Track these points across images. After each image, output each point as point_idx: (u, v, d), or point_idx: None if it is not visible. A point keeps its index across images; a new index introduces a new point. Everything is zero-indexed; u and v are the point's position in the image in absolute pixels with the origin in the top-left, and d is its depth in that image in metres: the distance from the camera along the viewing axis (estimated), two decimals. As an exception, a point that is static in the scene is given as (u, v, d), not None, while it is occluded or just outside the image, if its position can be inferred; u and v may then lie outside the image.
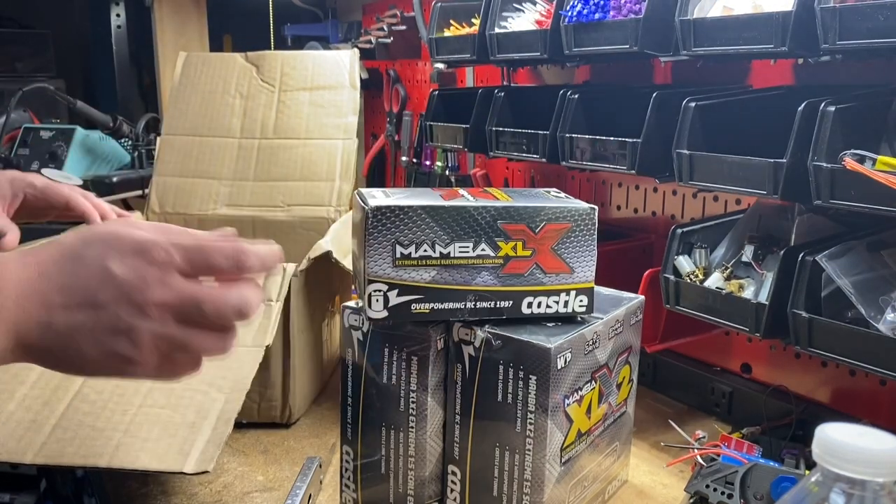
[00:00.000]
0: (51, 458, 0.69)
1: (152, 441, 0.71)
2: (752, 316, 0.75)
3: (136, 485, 0.80)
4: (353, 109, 1.28)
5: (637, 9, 0.84)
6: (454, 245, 0.66)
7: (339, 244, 0.96)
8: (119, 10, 1.94)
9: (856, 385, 0.89)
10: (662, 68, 1.08)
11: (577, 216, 0.68)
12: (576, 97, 0.94)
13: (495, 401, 0.67)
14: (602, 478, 0.77)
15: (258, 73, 1.33)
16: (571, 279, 0.69)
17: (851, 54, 0.70)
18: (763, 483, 0.72)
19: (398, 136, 1.70)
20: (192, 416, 0.73)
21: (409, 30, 1.65)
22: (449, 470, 0.72)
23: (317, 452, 0.88)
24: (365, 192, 0.68)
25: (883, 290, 0.69)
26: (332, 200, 1.23)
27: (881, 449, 0.39)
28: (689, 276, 0.83)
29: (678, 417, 0.97)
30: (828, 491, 0.40)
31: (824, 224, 0.82)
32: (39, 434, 0.71)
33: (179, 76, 1.33)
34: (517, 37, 1.03)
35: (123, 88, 2.00)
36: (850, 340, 0.67)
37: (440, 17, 1.20)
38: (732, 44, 0.74)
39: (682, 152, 0.78)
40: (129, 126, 1.64)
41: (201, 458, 0.69)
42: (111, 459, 0.69)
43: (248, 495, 0.79)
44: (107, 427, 0.71)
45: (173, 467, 0.68)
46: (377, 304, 0.66)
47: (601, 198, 1.21)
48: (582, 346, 0.68)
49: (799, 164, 0.68)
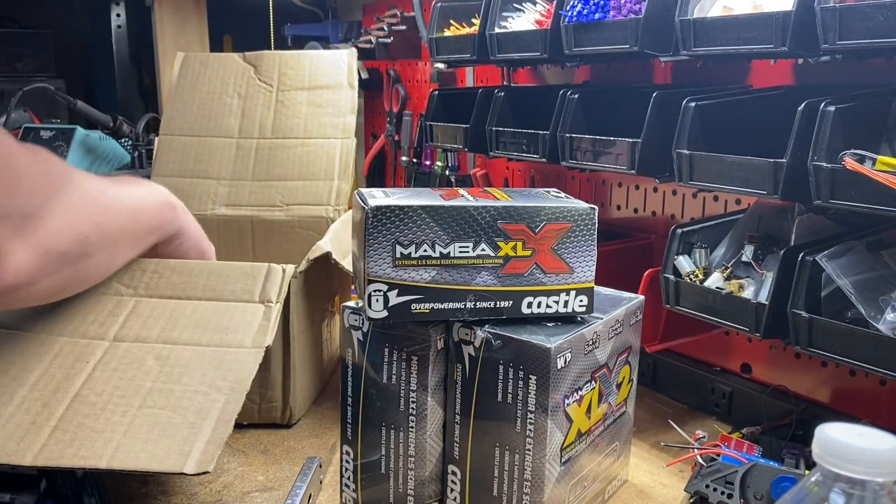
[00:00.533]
0: (50, 460, 0.69)
1: (152, 442, 0.70)
2: (751, 316, 0.75)
3: (136, 485, 0.80)
4: (351, 109, 1.28)
5: (637, 9, 0.84)
6: (454, 245, 0.66)
7: (339, 244, 0.96)
8: (119, 10, 1.94)
9: (856, 385, 0.89)
10: (662, 68, 1.08)
11: (577, 216, 0.68)
12: (576, 97, 0.94)
13: (495, 401, 0.67)
14: (602, 478, 0.77)
15: (256, 72, 1.33)
16: (571, 279, 0.69)
17: (851, 54, 0.70)
18: (763, 483, 0.72)
19: (398, 136, 1.70)
20: (192, 417, 0.73)
21: (409, 30, 1.65)
22: (449, 470, 0.72)
23: (317, 452, 0.88)
24: (365, 192, 0.68)
25: (883, 290, 0.69)
26: (331, 200, 1.23)
27: (881, 449, 0.39)
28: (689, 276, 0.83)
29: (678, 417, 0.97)
30: (828, 491, 0.40)
31: (824, 224, 0.82)
32: (39, 436, 0.70)
33: (177, 76, 1.33)
34: (517, 37, 1.03)
35: (123, 88, 2.00)
36: (850, 340, 0.67)
37: (440, 17, 1.20)
38: (732, 44, 0.74)
39: (682, 152, 0.78)
40: (129, 126, 1.64)
41: (201, 459, 0.69)
42: (111, 460, 0.69)
43: (248, 495, 0.79)
44: (106, 428, 0.71)
45: (173, 468, 0.68)
46: (377, 304, 0.66)
47: (601, 198, 1.21)
48: (582, 346, 0.68)
49: (799, 164, 0.68)
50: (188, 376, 0.77)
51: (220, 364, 0.78)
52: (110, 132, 1.61)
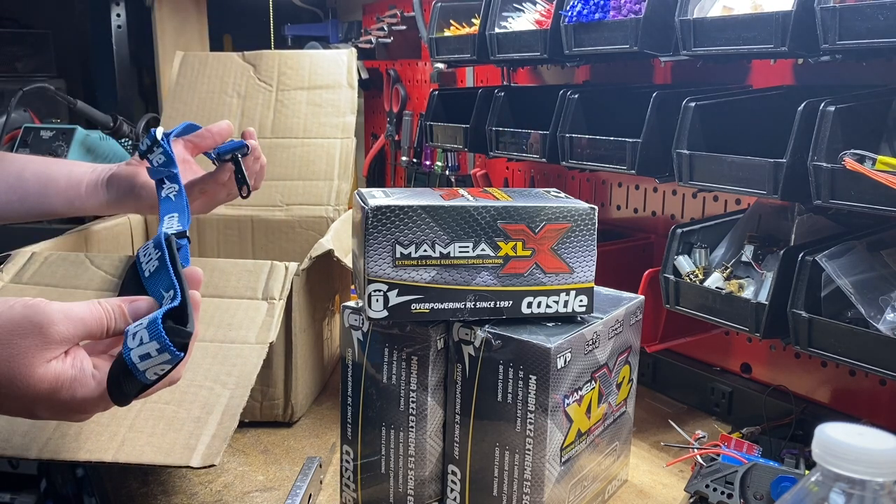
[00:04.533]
0: (55, 454, 0.69)
1: (157, 436, 0.71)
2: (751, 316, 0.75)
3: (136, 484, 0.80)
4: (351, 108, 1.28)
5: (637, 9, 0.84)
6: (454, 245, 0.66)
7: (340, 243, 0.96)
8: (119, 10, 1.94)
9: (856, 385, 0.89)
10: (662, 68, 1.08)
11: (577, 216, 0.68)
12: (576, 97, 0.94)
13: (495, 401, 0.67)
14: (602, 478, 0.77)
15: (255, 72, 1.33)
16: (571, 279, 0.69)
17: (851, 54, 0.70)
18: (763, 483, 0.72)
19: (398, 136, 1.70)
20: (197, 411, 0.73)
21: (409, 30, 1.65)
22: (449, 470, 0.72)
23: (317, 452, 0.88)
24: (365, 192, 0.68)
25: (883, 289, 0.69)
26: (331, 200, 1.23)
27: (881, 449, 0.39)
28: (689, 276, 0.83)
29: (678, 417, 0.97)
30: (828, 491, 0.40)
31: (824, 224, 0.82)
32: (44, 430, 0.71)
33: (177, 76, 1.33)
34: (517, 37, 1.03)
35: (123, 88, 2.00)
36: (850, 340, 0.67)
37: (440, 17, 1.20)
38: (732, 44, 0.74)
39: (682, 152, 0.79)
40: (130, 126, 1.64)
41: (207, 453, 0.69)
42: (116, 454, 0.69)
43: (249, 495, 0.79)
44: (111, 422, 0.71)
45: (179, 461, 0.68)
46: (377, 303, 0.66)
47: (601, 198, 1.22)
48: (582, 346, 0.68)
49: (799, 164, 0.68)
50: (192, 371, 0.77)
51: (224, 359, 0.78)
52: (110, 132, 1.61)
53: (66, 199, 0.92)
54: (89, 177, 0.92)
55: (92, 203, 0.92)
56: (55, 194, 0.91)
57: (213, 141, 0.90)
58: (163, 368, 0.53)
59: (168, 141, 0.81)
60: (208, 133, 0.90)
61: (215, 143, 0.90)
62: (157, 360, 0.52)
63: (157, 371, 0.53)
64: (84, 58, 2.23)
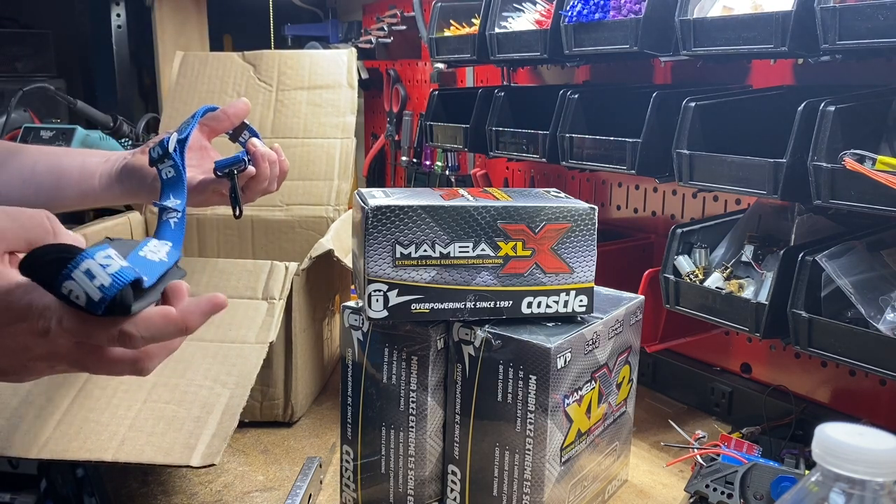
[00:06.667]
0: (56, 453, 0.69)
1: (158, 435, 0.71)
2: (751, 316, 0.75)
3: (136, 484, 0.80)
4: (351, 108, 1.28)
5: (637, 9, 0.84)
6: (454, 245, 0.66)
7: (340, 243, 0.96)
8: (119, 10, 1.94)
9: (856, 385, 0.89)
10: (662, 68, 1.08)
11: (577, 216, 0.68)
12: (576, 97, 0.94)
13: (495, 400, 0.67)
14: (602, 477, 0.77)
15: (255, 72, 1.33)
16: (571, 279, 0.69)
17: (851, 54, 0.70)
18: (763, 483, 0.72)
19: (398, 136, 1.70)
20: (197, 411, 0.73)
21: (409, 30, 1.65)
22: (449, 470, 0.72)
23: (317, 452, 0.88)
24: (365, 192, 0.68)
25: (883, 289, 0.69)
26: (331, 200, 1.23)
27: (881, 449, 0.39)
28: (689, 275, 0.83)
29: (678, 417, 0.97)
30: (828, 491, 0.40)
31: (824, 224, 0.82)
32: (44, 429, 0.71)
33: (176, 76, 1.33)
34: (517, 37, 1.03)
35: (123, 88, 2.00)
36: (850, 340, 0.67)
37: (440, 17, 1.20)
38: (732, 44, 0.74)
39: (682, 152, 0.79)
40: (129, 126, 1.64)
41: (207, 452, 0.69)
42: (116, 453, 0.69)
43: (249, 495, 0.79)
44: (111, 422, 0.72)
45: (179, 461, 0.68)
46: (377, 303, 0.66)
47: (601, 198, 1.22)
48: (582, 345, 0.68)
49: (799, 164, 0.68)
50: (192, 371, 0.77)
51: (224, 359, 0.78)
52: (110, 132, 1.61)
53: (79, 191, 0.90)
54: (103, 167, 0.90)
55: (106, 196, 0.90)
56: (68, 186, 0.90)
57: (229, 122, 0.88)
58: (78, 295, 0.45)
59: (181, 152, 0.74)
60: (224, 115, 0.87)
61: (232, 124, 0.88)
62: (88, 284, 0.45)
63: (73, 287, 0.45)
64: (84, 58, 2.23)
